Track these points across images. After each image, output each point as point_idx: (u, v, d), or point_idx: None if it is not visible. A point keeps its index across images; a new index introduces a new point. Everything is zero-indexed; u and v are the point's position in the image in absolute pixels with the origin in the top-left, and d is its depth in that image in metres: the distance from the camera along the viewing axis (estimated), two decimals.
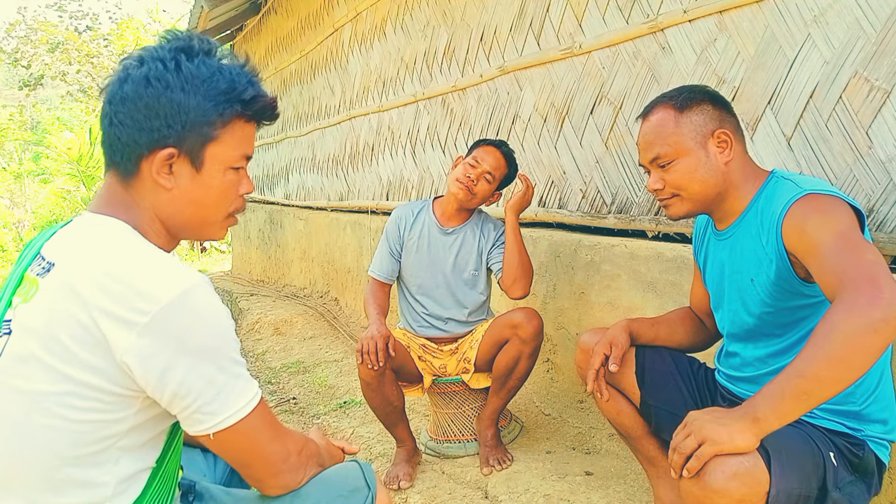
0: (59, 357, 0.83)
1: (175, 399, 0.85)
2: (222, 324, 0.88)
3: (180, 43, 0.93)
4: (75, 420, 0.84)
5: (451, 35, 3.43)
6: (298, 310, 4.97)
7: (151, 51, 0.93)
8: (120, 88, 0.91)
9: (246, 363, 0.92)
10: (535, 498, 1.94)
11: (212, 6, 6.26)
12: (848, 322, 0.99)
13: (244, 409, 0.88)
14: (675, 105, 1.36)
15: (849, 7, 1.60)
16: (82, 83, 9.94)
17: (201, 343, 0.84)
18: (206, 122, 0.92)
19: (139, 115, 0.90)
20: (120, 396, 0.85)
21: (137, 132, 0.91)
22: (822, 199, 1.19)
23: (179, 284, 0.84)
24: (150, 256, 0.88)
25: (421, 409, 2.82)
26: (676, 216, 1.40)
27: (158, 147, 0.91)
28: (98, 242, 0.89)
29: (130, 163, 0.92)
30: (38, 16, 11.11)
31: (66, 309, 0.83)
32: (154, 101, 0.90)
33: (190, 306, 0.84)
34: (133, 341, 0.81)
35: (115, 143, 0.92)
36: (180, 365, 0.83)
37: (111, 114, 0.92)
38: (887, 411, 1.28)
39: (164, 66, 0.91)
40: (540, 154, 2.80)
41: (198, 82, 0.91)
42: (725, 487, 1.03)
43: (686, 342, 1.62)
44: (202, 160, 0.94)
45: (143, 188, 0.94)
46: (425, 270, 2.35)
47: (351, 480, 1.05)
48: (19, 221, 16.75)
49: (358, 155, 4.87)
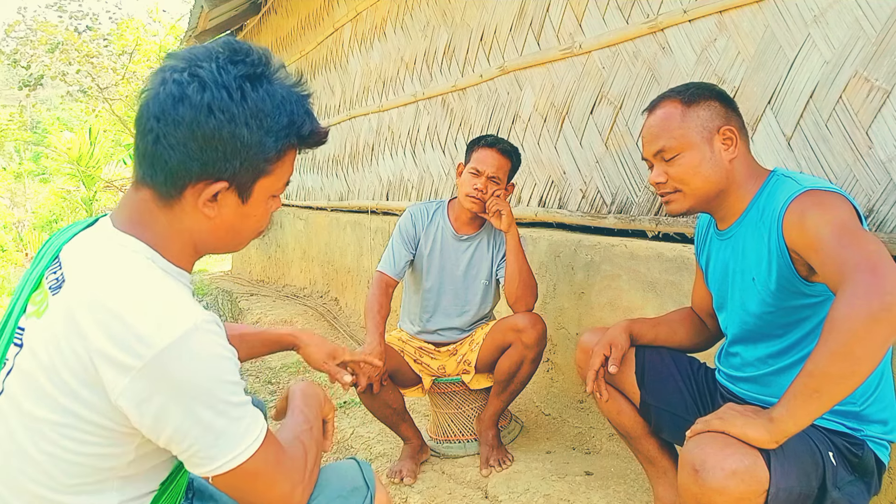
0: (59, 390, 0.81)
1: (171, 444, 0.83)
2: (222, 366, 0.83)
3: (246, 69, 0.86)
4: (75, 451, 0.82)
5: (451, 35, 3.43)
6: (298, 310, 4.98)
7: (213, 73, 0.84)
8: (174, 109, 0.83)
9: (250, 400, 0.88)
10: (535, 498, 1.94)
11: (212, 6, 6.26)
12: (850, 314, 0.98)
13: (244, 452, 0.84)
14: (682, 99, 1.35)
15: (849, 7, 1.60)
16: (82, 83, 9.94)
17: (198, 387, 0.80)
18: (263, 158, 0.88)
19: (194, 143, 0.84)
20: (120, 434, 0.83)
21: (189, 160, 0.85)
22: (822, 194, 1.19)
23: (180, 327, 0.80)
24: (157, 294, 0.83)
25: (421, 409, 2.82)
26: (677, 212, 1.39)
27: (210, 178, 0.86)
28: (111, 269, 0.85)
29: (174, 188, 0.87)
30: (37, 16, 11.08)
31: (68, 343, 0.81)
32: (215, 132, 0.84)
33: (187, 350, 0.79)
34: (127, 385, 0.78)
35: (159, 164, 0.86)
36: (175, 410, 0.80)
37: (159, 132, 0.84)
38: (887, 412, 1.27)
39: (230, 95, 0.84)
40: (540, 154, 2.80)
41: (262, 116, 0.86)
42: (724, 485, 1.04)
43: (687, 343, 1.62)
44: (251, 193, 0.91)
45: (182, 213, 0.89)
46: (435, 275, 2.32)
47: (350, 480, 1.05)
48: (19, 221, 16.74)
49: (358, 155, 4.87)
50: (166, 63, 0.87)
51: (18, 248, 13.97)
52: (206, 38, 7.79)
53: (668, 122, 1.35)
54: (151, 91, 0.86)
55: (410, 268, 2.35)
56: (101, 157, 12.84)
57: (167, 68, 0.86)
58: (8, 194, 18.43)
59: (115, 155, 14.22)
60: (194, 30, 7.29)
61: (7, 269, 13.16)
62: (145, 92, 0.87)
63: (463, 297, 2.32)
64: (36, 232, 14.34)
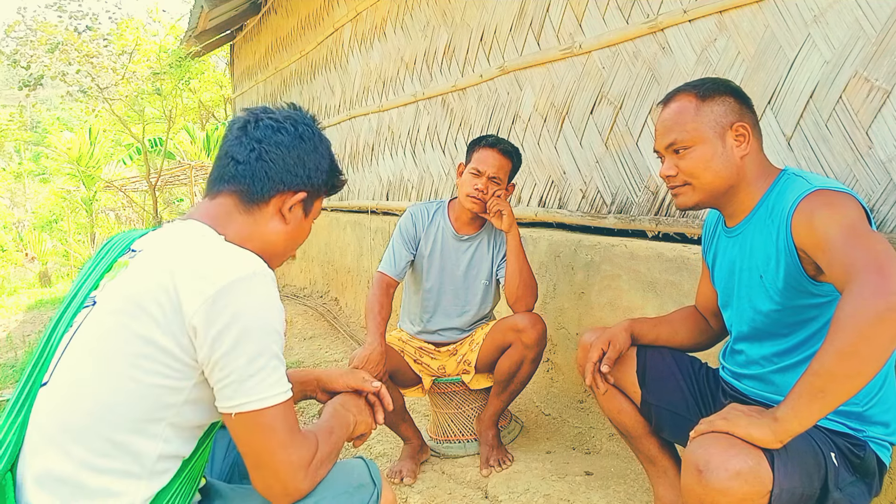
0: (137, 319, 0.92)
1: (216, 368, 0.92)
2: (274, 313, 0.96)
3: (312, 116, 1.18)
4: (142, 382, 0.92)
5: (451, 35, 3.43)
6: (298, 310, 4.98)
7: (296, 114, 1.15)
8: (274, 135, 1.10)
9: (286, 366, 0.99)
10: (535, 498, 1.94)
11: (212, 6, 6.26)
12: (855, 313, 0.97)
13: (269, 399, 0.93)
14: (697, 93, 1.35)
15: (849, 7, 1.60)
16: (82, 83, 9.92)
17: (254, 318, 0.93)
18: (324, 181, 1.16)
19: (291, 160, 1.10)
20: (183, 364, 0.93)
21: (285, 173, 1.09)
22: (831, 194, 1.19)
23: (249, 268, 0.95)
24: (229, 246, 1.01)
25: (421, 409, 2.82)
26: (685, 206, 1.39)
27: (296, 190, 1.11)
28: (188, 235, 1.03)
29: (266, 194, 1.09)
30: (37, 16, 11.06)
31: (154, 278, 0.94)
32: (306, 155, 1.12)
33: (253, 286, 0.94)
34: (200, 306, 0.91)
35: (259, 175, 1.08)
36: (231, 334, 0.91)
37: (261, 151, 1.08)
38: (890, 413, 1.27)
39: (312, 131, 1.14)
40: (540, 154, 2.80)
41: (325, 153, 1.16)
42: (728, 486, 1.03)
43: (688, 342, 1.62)
44: (311, 209, 1.17)
45: (262, 218, 1.10)
46: (435, 276, 2.32)
47: (356, 477, 1.07)
48: (19, 221, 16.74)
49: (358, 155, 4.87)
50: (251, 109, 1.14)
51: (18, 248, 13.97)
52: (206, 38, 7.79)
53: (682, 115, 1.35)
54: (242, 123, 1.11)
55: (411, 268, 2.35)
56: (101, 157, 12.84)
57: (255, 110, 1.14)
58: (8, 194, 18.44)
59: (115, 155, 14.22)
60: (194, 30, 7.30)
61: (7, 269, 13.15)
62: (235, 125, 1.12)
63: (463, 297, 2.32)
64: (36, 232, 14.34)
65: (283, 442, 0.95)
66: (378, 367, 1.99)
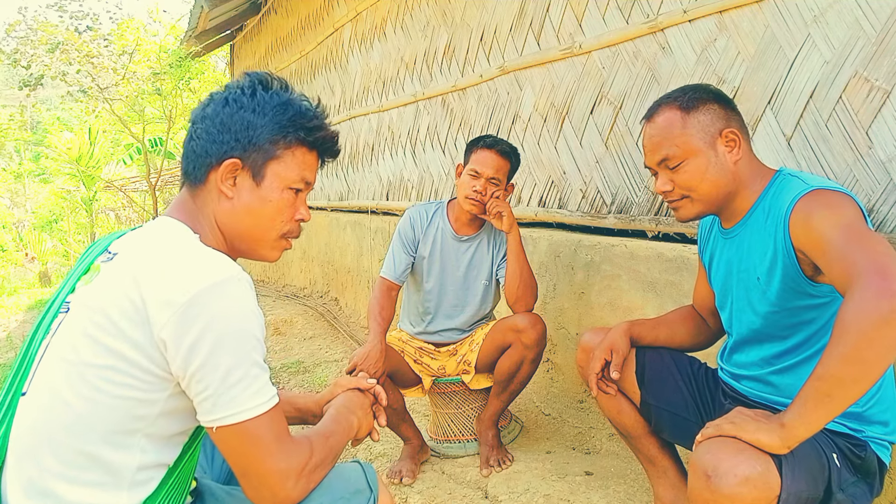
0: (106, 331, 0.89)
1: (193, 381, 0.89)
2: (251, 319, 0.92)
3: (260, 78, 1.06)
4: (112, 395, 0.89)
5: (451, 35, 3.43)
6: (298, 310, 4.97)
7: (234, 81, 1.07)
8: (202, 110, 1.05)
9: (269, 371, 0.94)
10: (535, 498, 1.94)
11: (212, 6, 6.27)
12: (859, 316, 0.97)
13: (252, 411, 0.90)
14: (680, 105, 1.34)
15: (849, 7, 1.60)
16: (82, 83, 9.91)
17: (229, 326, 0.89)
18: (269, 140, 1.03)
19: (214, 129, 1.03)
20: (154, 376, 0.90)
21: (210, 144, 1.03)
22: (829, 194, 1.18)
23: (221, 274, 0.91)
24: (201, 249, 0.96)
25: (421, 410, 2.81)
26: (686, 218, 1.38)
27: (226, 158, 1.02)
28: (157, 237, 0.99)
29: (200, 172, 1.04)
30: (38, 16, 11.04)
31: (121, 288, 0.90)
32: (228, 118, 1.03)
33: (225, 293, 0.90)
34: (168, 318, 0.87)
35: (190, 155, 1.04)
36: (205, 345, 0.87)
37: (192, 132, 1.05)
38: (888, 413, 1.27)
39: (242, 91, 1.04)
40: (540, 154, 2.80)
41: (268, 108, 1.04)
42: (737, 491, 1.02)
43: (687, 342, 1.62)
44: (263, 174, 1.04)
45: (207, 197, 1.04)
46: (435, 277, 2.31)
47: (353, 482, 1.05)
48: (19, 221, 16.74)
49: (358, 155, 4.87)
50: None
51: (18, 248, 13.97)
52: (206, 38, 7.79)
53: (670, 129, 1.33)
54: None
55: (411, 269, 2.35)
56: (101, 157, 12.82)
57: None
58: (8, 194, 18.43)
59: (115, 155, 14.20)
60: (194, 30, 7.29)
61: (7, 269, 13.14)
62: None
63: (463, 297, 2.32)
64: (36, 232, 14.33)
65: (271, 451, 0.91)
66: (377, 365, 2.00)
